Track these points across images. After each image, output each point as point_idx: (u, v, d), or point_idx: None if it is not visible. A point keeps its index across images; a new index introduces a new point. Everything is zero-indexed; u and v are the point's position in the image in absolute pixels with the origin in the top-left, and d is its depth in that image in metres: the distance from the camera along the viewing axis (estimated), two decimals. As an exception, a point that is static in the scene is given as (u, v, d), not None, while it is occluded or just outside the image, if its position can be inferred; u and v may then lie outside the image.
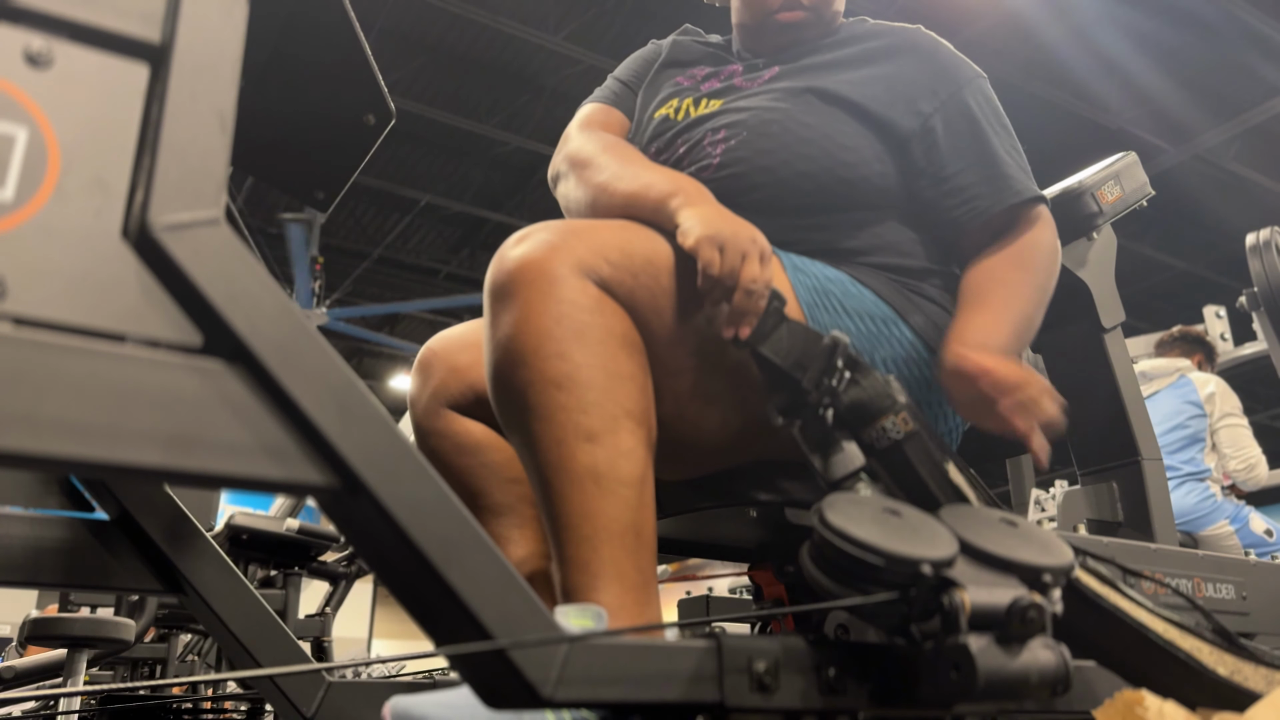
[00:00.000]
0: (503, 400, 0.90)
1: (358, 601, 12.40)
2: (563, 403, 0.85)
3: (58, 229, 0.45)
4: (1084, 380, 1.35)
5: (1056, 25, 5.53)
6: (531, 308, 0.87)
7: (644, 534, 0.84)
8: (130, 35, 0.49)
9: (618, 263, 0.92)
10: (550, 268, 0.88)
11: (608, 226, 0.97)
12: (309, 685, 1.20)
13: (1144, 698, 0.75)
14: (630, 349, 0.89)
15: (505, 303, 0.89)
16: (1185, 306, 5.76)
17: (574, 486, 0.83)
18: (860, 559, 0.64)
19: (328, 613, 3.54)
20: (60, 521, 1.16)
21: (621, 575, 0.82)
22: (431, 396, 1.15)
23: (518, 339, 0.87)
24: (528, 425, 0.87)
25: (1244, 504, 3.44)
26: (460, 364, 1.14)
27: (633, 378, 0.88)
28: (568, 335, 0.86)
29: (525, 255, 0.89)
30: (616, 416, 0.85)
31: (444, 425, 1.13)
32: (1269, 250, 2.20)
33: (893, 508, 0.70)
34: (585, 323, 0.87)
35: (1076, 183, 1.35)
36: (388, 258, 8.65)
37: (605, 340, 0.87)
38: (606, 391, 0.85)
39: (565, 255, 0.89)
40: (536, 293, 0.87)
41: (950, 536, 0.67)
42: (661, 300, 0.94)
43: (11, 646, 4.16)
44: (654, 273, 0.94)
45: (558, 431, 0.84)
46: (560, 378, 0.85)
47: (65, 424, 0.43)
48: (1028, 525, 0.73)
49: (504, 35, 5.76)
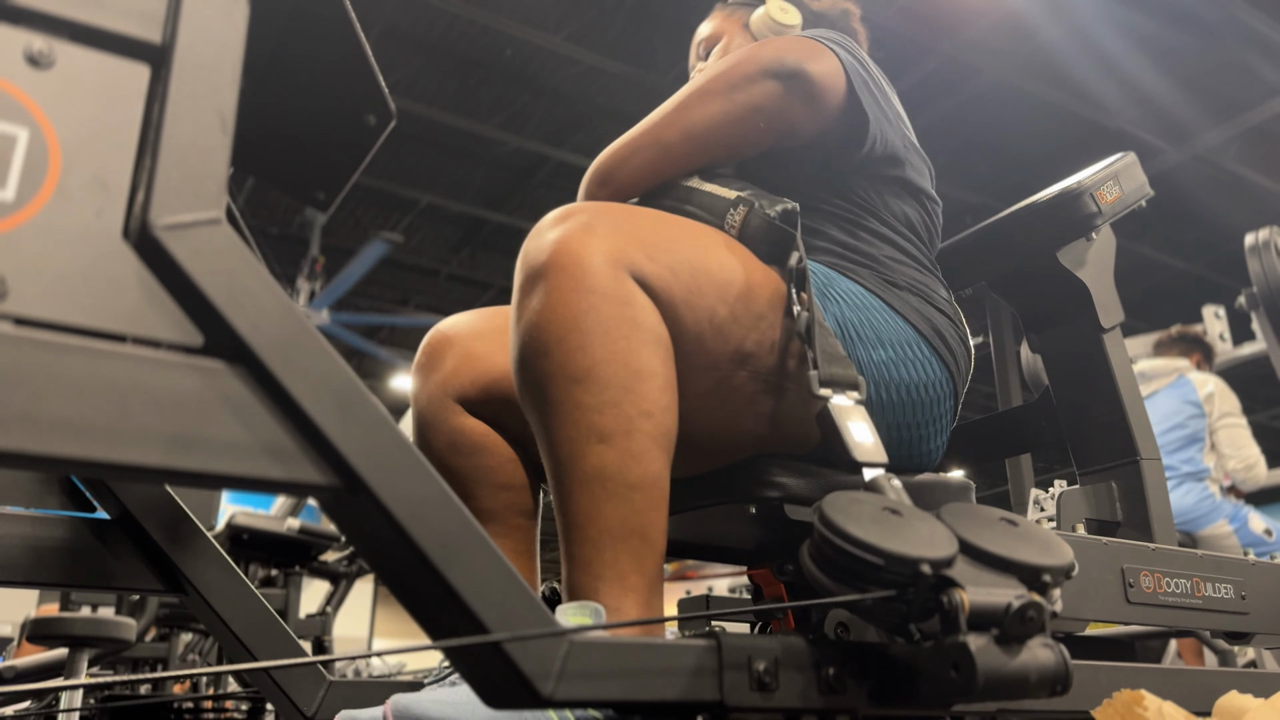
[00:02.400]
0: (524, 387, 0.89)
1: (358, 601, 12.39)
2: (579, 400, 0.84)
3: (58, 229, 0.46)
4: (1083, 380, 1.35)
5: (1056, 25, 5.52)
6: (561, 295, 0.85)
7: (649, 537, 0.84)
8: (131, 35, 0.49)
9: (656, 256, 0.90)
10: (584, 255, 0.86)
11: (651, 217, 0.96)
12: (310, 684, 1.20)
13: (1144, 697, 0.75)
14: (656, 345, 0.88)
15: (535, 285, 0.87)
16: (1185, 306, 5.76)
17: (581, 487, 0.83)
18: (859, 558, 0.64)
19: (328, 612, 3.55)
20: (61, 521, 1.16)
21: (622, 577, 0.82)
22: (438, 385, 1.13)
23: (543, 327, 0.86)
24: (545, 418, 0.86)
25: (1243, 503, 3.44)
26: (475, 351, 1.13)
27: (655, 375, 0.86)
28: (593, 328, 0.85)
29: (560, 239, 0.87)
30: (632, 417, 0.84)
31: (445, 420, 1.12)
32: (1268, 250, 2.20)
33: (893, 506, 0.70)
34: (613, 316, 0.85)
35: (1075, 183, 1.35)
36: (388, 258, 8.64)
37: (631, 335, 0.86)
38: (626, 390, 0.84)
39: (602, 243, 0.87)
40: (567, 279, 0.86)
41: (950, 536, 0.68)
42: (696, 299, 0.92)
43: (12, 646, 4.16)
44: (692, 270, 0.93)
45: (571, 430, 0.84)
46: (580, 373, 0.84)
47: (66, 424, 0.43)
48: (1028, 524, 0.73)
49: (504, 35, 5.75)
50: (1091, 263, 1.34)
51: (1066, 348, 1.38)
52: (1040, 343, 1.42)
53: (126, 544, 1.17)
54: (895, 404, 1.04)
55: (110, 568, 1.16)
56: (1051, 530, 0.74)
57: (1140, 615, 1.13)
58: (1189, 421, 3.50)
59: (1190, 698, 0.94)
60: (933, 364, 1.08)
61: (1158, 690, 0.78)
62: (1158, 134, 6.54)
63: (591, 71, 6.06)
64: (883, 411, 1.03)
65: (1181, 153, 6.70)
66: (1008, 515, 0.73)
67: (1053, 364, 1.40)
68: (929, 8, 5.40)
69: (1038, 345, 1.42)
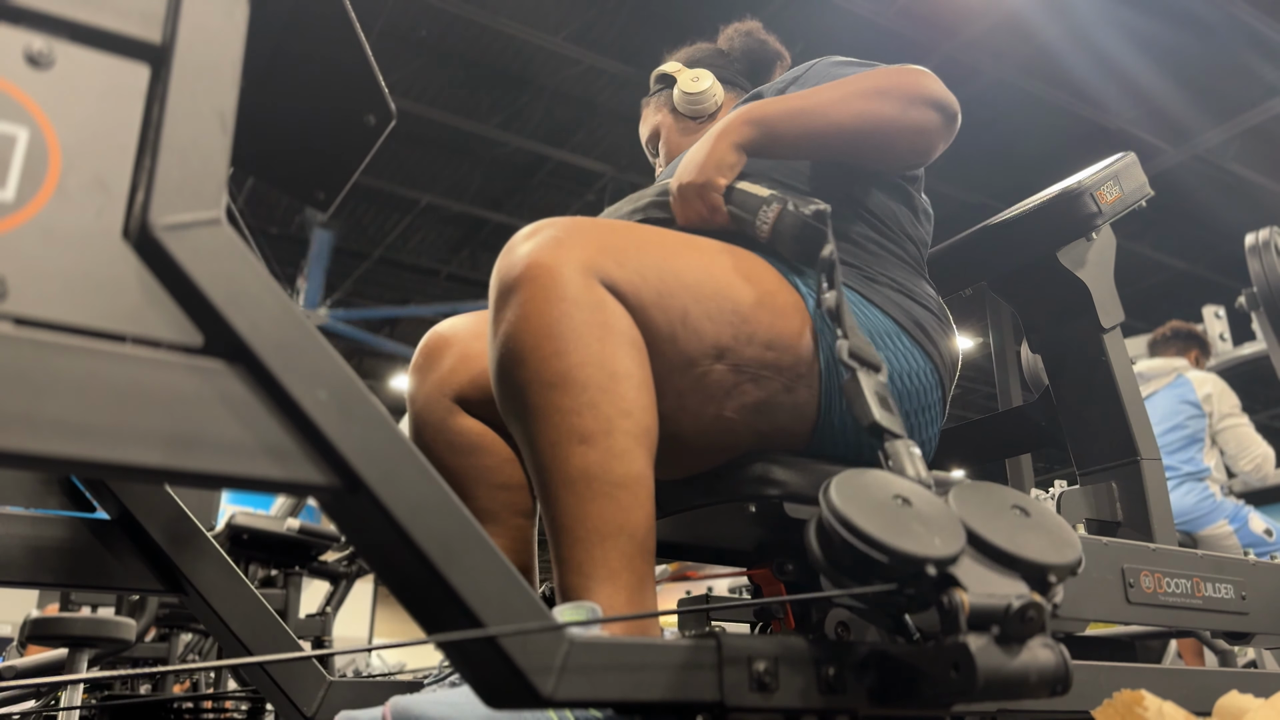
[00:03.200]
0: (504, 397, 0.91)
1: (358, 601, 12.41)
2: (558, 403, 0.85)
3: (58, 229, 0.46)
4: (1083, 380, 1.35)
5: (1056, 25, 5.52)
6: (534, 305, 0.87)
7: (638, 535, 0.84)
8: (131, 36, 0.49)
9: (624, 262, 0.92)
10: (555, 266, 0.88)
11: (619, 225, 0.98)
12: (310, 684, 1.20)
13: (1144, 697, 0.75)
14: (630, 346, 0.89)
15: (509, 299, 0.89)
16: (1185, 306, 5.76)
17: (567, 489, 0.84)
18: (864, 553, 0.63)
19: (328, 612, 3.55)
20: (61, 521, 1.16)
21: (613, 576, 0.82)
22: (436, 385, 1.14)
23: (518, 336, 0.88)
24: (526, 425, 0.88)
25: (1243, 503, 3.44)
26: (473, 352, 1.14)
27: (631, 376, 0.88)
28: (567, 333, 0.86)
29: (531, 253, 0.90)
30: (612, 417, 0.85)
31: (443, 419, 1.13)
32: (1268, 250, 2.20)
33: (904, 494, 0.68)
34: (586, 321, 0.87)
35: (1076, 183, 1.35)
36: (388, 258, 8.64)
37: (605, 339, 0.88)
38: (604, 391, 0.86)
39: (571, 254, 0.89)
40: (539, 290, 0.88)
41: (958, 528, 0.67)
42: (667, 300, 0.94)
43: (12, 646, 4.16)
44: (661, 273, 0.95)
45: (553, 433, 0.85)
46: (557, 378, 0.86)
47: (65, 424, 0.43)
48: (1040, 513, 0.71)
49: (504, 35, 5.75)
50: (1092, 263, 1.34)
51: (1067, 348, 1.38)
52: (1040, 343, 1.42)
53: (126, 544, 1.17)
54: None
55: (110, 568, 1.16)
56: (1063, 520, 0.73)
57: (1140, 615, 1.13)
58: (1189, 421, 3.50)
59: (1190, 698, 0.95)
60: (915, 354, 1.09)
61: (1158, 690, 0.78)
62: (1158, 134, 6.54)
63: (591, 71, 6.06)
64: None
65: (1181, 153, 6.70)
66: (1022, 502, 0.72)
67: (1053, 364, 1.41)
68: (929, 8, 5.40)
69: (1038, 345, 1.42)
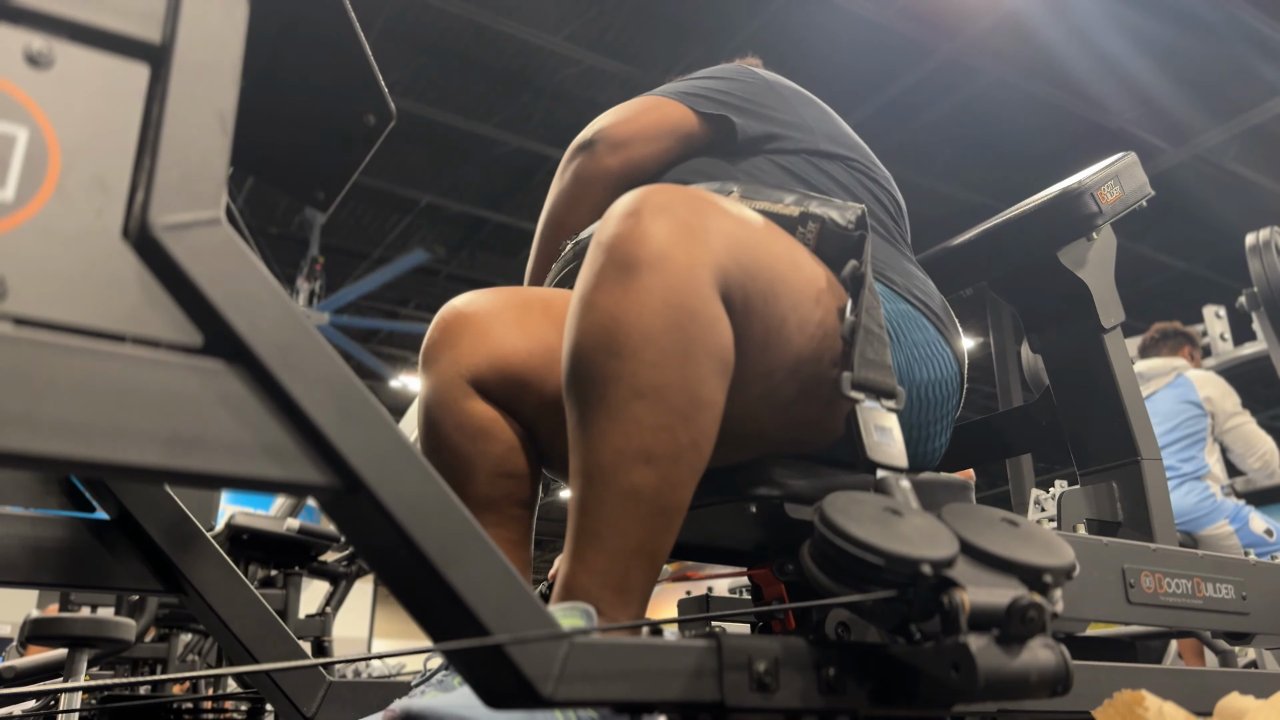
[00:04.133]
0: (579, 379, 0.85)
1: (358, 601, 12.40)
2: (638, 415, 0.81)
3: (58, 229, 0.46)
4: (1083, 380, 1.35)
5: (1056, 25, 5.52)
6: (652, 302, 0.82)
7: (659, 557, 0.84)
8: (130, 35, 0.49)
9: (744, 262, 0.88)
10: (688, 267, 0.83)
11: (742, 218, 0.93)
12: (310, 684, 1.20)
13: (1144, 697, 0.75)
14: (723, 374, 0.85)
15: (626, 277, 0.83)
16: (1185, 306, 5.76)
17: (614, 499, 0.82)
18: (860, 558, 0.64)
19: (328, 612, 3.54)
20: (60, 521, 1.16)
21: (627, 590, 0.82)
22: (452, 363, 1.09)
23: (623, 327, 0.82)
24: (595, 419, 0.83)
25: (1244, 504, 3.44)
26: (493, 332, 1.10)
27: (713, 406, 0.85)
28: (672, 348, 0.82)
29: (666, 241, 0.83)
30: (682, 446, 0.82)
31: (455, 399, 1.09)
32: (1269, 250, 2.20)
33: (893, 507, 0.70)
34: (695, 339, 0.83)
35: (1076, 183, 1.35)
36: (388, 258, 8.64)
37: (705, 363, 0.83)
38: (685, 420, 0.82)
39: (703, 254, 0.84)
40: (664, 288, 0.82)
41: (951, 536, 0.68)
42: (770, 307, 0.91)
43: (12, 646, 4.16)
44: (772, 278, 0.91)
45: (621, 441, 0.82)
46: (647, 389, 0.81)
47: (65, 424, 0.43)
48: (1029, 525, 0.73)
49: (504, 35, 5.75)
50: (1092, 263, 1.34)
51: (1067, 348, 1.38)
52: (1041, 343, 1.42)
53: (126, 544, 1.17)
54: (909, 404, 1.04)
55: (110, 568, 1.16)
56: (1053, 530, 0.73)
57: (1141, 615, 1.13)
58: (1189, 421, 3.50)
59: (1191, 698, 0.94)
60: (947, 356, 1.08)
61: (1158, 690, 0.78)
62: (1158, 134, 6.54)
63: (591, 71, 6.06)
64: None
65: (1181, 153, 6.70)
66: (1009, 516, 0.73)
67: (1053, 364, 1.41)
68: (929, 8, 5.40)
69: (1038, 345, 1.42)
